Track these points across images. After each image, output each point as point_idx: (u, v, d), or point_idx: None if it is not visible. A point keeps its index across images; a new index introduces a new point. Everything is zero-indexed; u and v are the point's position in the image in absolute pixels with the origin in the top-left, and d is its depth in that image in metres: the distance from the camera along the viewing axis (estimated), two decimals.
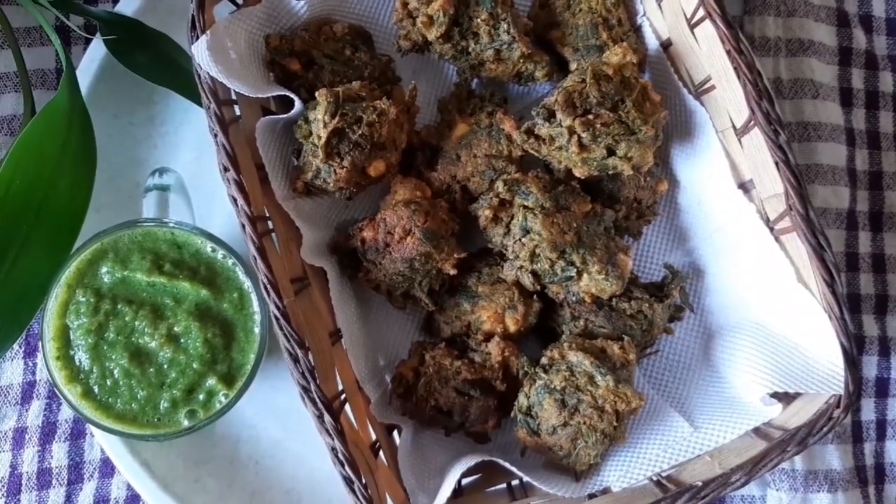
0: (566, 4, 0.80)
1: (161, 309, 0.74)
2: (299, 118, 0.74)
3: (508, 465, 0.72)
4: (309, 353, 0.67)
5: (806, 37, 0.95)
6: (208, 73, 0.68)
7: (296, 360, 0.66)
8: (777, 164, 0.67)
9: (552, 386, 0.71)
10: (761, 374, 0.71)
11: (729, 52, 0.69)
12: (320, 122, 0.71)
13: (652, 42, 0.81)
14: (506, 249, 0.75)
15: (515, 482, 0.78)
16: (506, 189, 0.74)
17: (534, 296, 0.78)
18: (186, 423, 0.74)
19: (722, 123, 0.76)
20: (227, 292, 0.76)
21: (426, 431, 0.80)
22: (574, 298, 0.75)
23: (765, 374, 0.71)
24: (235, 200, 0.67)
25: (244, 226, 0.67)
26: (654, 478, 0.70)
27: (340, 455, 0.65)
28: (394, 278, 0.76)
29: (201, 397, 0.75)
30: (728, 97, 0.72)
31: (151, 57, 0.83)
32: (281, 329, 0.66)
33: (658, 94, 0.73)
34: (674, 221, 0.85)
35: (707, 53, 0.73)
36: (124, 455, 0.82)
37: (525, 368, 0.74)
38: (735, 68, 0.69)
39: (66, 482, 0.86)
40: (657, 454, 0.71)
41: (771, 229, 0.72)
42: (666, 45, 0.80)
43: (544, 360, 0.74)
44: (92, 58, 0.85)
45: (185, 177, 0.84)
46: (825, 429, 0.65)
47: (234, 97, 0.74)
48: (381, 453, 0.75)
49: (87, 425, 0.87)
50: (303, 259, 0.73)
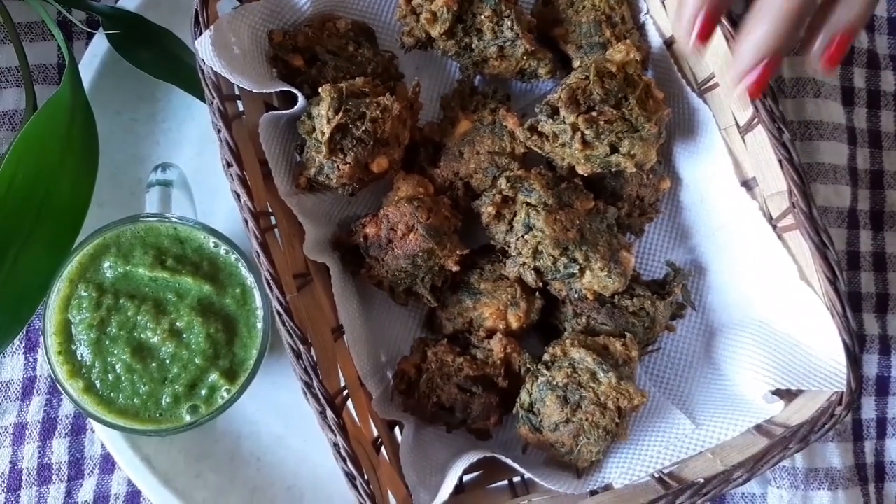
0: (569, 2, 0.80)
1: (163, 304, 0.74)
2: (302, 114, 0.74)
3: (510, 462, 0.72)
4: (311, 349, 0.67)
5: None
6: (212, 69, 0.68)
7: (298, 356, 0.66)
8: (780, 162, 0.67)
9: (554, 382, 0.71)
10: (763, 372, 0.71)
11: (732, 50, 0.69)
12: (323, 118, 0.71)
13: (655, 40, 0.81)
14: (508, 246, 0.75)
15: (517, 479, 0.78)
16: (509, 186, 0.74)
17: (536, 292, 0.78)
18: (188, 419, 0.74)
19: (725, 121, 0.76)
20: (230, 288, 0.76)
21: (428, 428, 0.80)
22: (576, 295, 0.75)
23: (767, 372, 0.71)
24: (238, 196, 0.67)
25: (247, 221, 0.67)
26: (656, 474, 0.70)
27: (342, 451, 0.65)
28: (396, 274, 0.76)
29: (203, 393, 0.75)
30: (731, 95, 0.72)
31: (154, 52, 0.83)
32: (283, 325, 0.66)
33: (661, 92, 0.73)
34: (676, 219, 0.85)
35: (710, 51, 0.73)
36: (125, 450, 0.82)
37: (527, 365, 0.74)
38: None
39: (67, 478, 0.86)
40: (659, 451, 0.71)
41: (774, 227, 0.72)
42: (669, 43, 0.80)
43: (546, 357, 0.74)
44: (94, 53, 0.85)
45: (188, 172, 0.84)
46: (827, 426, 0.66)
47: (238, 93, 0.74)
48: (383, 450, 0.75)
49: (88, 421, 0.87)
50: (305, 255, 0.73)
